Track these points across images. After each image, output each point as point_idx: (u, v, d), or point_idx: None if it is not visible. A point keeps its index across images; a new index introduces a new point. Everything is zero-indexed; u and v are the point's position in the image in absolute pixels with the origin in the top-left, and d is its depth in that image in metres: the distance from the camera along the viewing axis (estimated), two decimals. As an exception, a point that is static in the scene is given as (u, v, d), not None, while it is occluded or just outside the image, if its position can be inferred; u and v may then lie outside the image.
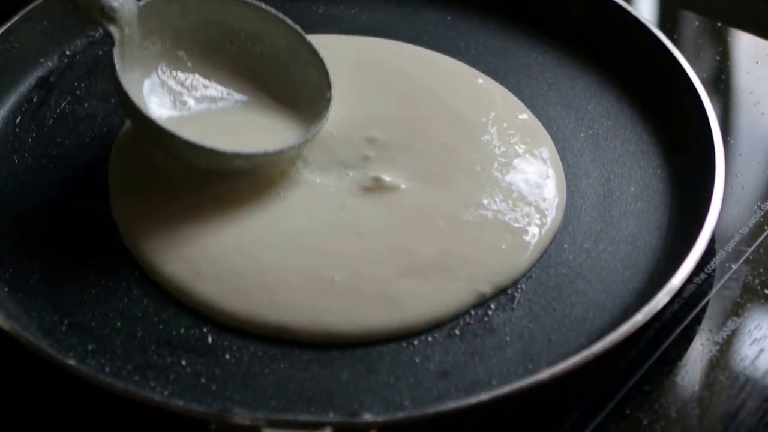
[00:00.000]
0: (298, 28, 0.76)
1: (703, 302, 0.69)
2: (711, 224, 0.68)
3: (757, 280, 0.70)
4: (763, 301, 0.69)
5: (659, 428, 0.63)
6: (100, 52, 0.84)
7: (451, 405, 0.60)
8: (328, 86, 0.75)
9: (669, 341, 0.67)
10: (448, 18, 0.88)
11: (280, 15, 0.76)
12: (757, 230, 0.73)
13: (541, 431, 0.62)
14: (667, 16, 0.91)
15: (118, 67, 0.70)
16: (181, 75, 0.75)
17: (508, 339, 0.66)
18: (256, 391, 0.63)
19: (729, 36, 0.88)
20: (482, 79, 0.81)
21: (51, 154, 0.77)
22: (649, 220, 0.73)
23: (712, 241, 0.71)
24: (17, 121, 0.79)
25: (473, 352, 0.65)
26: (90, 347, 0.65)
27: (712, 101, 0.76)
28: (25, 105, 0.80)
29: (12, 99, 0.80)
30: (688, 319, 0.68)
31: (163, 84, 0.74)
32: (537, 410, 0.63)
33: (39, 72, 0.82)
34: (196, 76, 0.75)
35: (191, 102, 0.74)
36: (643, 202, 0.74)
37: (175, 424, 0.60)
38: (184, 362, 0.64)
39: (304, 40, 0.76)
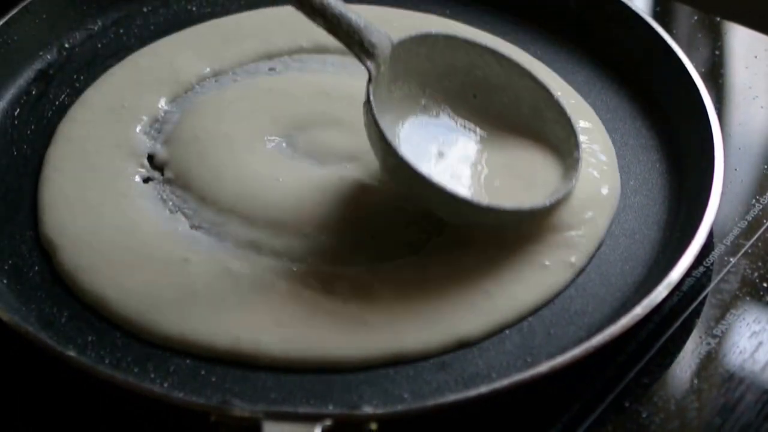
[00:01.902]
0: (545, 82, 0.71)
1: (702, 295, 0.69)
2: (710, 218, 0.68)
3: (756, 274, 0.70)
4: (761, 294, 0.69)
5: (658, 421, 0.63)
6: (99, 45, 0.84)
7: (450, 398, 0.60)
8: (576, 146, 0.70)
9: (668, 334, 0.67)
10: (447, 12, 0.87)
11: (526, 67, 0.71)
12: (755, 224, 0.73)
13: (541, 424, 0.62)
14: (666, 10, 0.91)
15: (374, 105, 0.66)
16: (426, 123, 0.71)
17: (507, 332, 0.66)
18: (256, 383, 0.63)
19: (727, 30, 0.88)
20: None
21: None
22: (648, 213, 0.73)
23: (710, 235, 0.71)
24: (16, 114, 0.79)
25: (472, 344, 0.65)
26: (90, 339, 0.65)
27: (710, 95, 0.76)
28: (24, 97, 0.80)
29: (11, 92, 0.80)
30: (687, 312, 0.68)
31: (409, 131, 0.70)
32: (536, 403, 0.63)
33: (38, 65, 0.82)
34: (441, 124, 0.71)
35: (437, 150, 0.70)
36: (642, 196, 0.74)
37: (174, 416, 0.60)
38: (183, 354, 0.64)
39: (552, 96, 0.71)
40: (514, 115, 0.71)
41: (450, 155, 0.70)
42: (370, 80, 0.67)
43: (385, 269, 0.68)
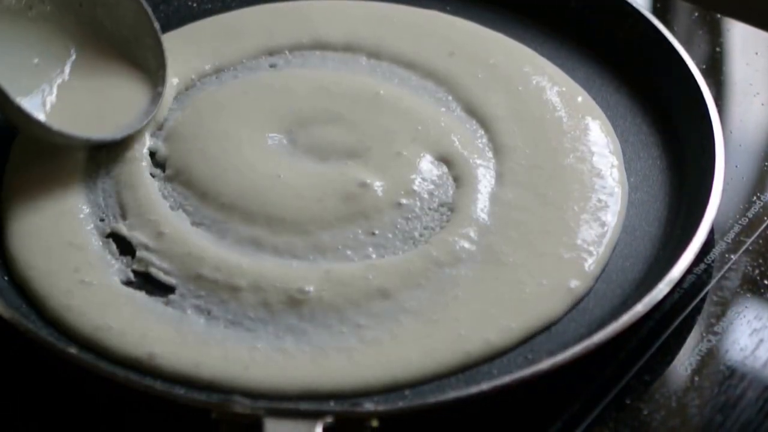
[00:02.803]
0: (149, 9, 0.74)
1: (703, 293, 0.69)
2: (711, 215, 0.68)
3: (757, 271, 0.70)
4: (762, 291, 0.69)
5: (659, 418, 0.63)
6: (99, 41, 0.84)
7: (451, 395, 0.60)
8: (162, 80, 0.73)
9: (669, 331, 0.67)
10: (447, 8, 0.87)
11: None
12: (756, 221, 0.73)
13: (542, 421, 0.62)
14: (666, 7, 0.91)
15: None
16: (33, 29, 0.71)
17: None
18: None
19: (728, 27, 0.88)
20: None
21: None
22: (649, 210, 0.73)
23: (711, 232, 0.71)
24: (16, 110, 0.79)
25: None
26: (90, 336, 0.65)
27: (711, 92, 0.76)
28: (24, 94, 0.80)
29: (11, 88, 0.80)
30: (688, 309, 0.68)
31: (15, 33, 0.70)
32: (537, 400, 0.63)
33: (38, 61, 0.82)
34: (47, 31, 0.71)
35: (37, 61, 0.70)
36: (643, 193, 0.74)
37: (175, 413, 0.60)
38: (184, 351, 0.64)
39: (152, 23, 0.73)
40: (115, 34, 0.73)
41: (48, 68, 0.71)
42: None
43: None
